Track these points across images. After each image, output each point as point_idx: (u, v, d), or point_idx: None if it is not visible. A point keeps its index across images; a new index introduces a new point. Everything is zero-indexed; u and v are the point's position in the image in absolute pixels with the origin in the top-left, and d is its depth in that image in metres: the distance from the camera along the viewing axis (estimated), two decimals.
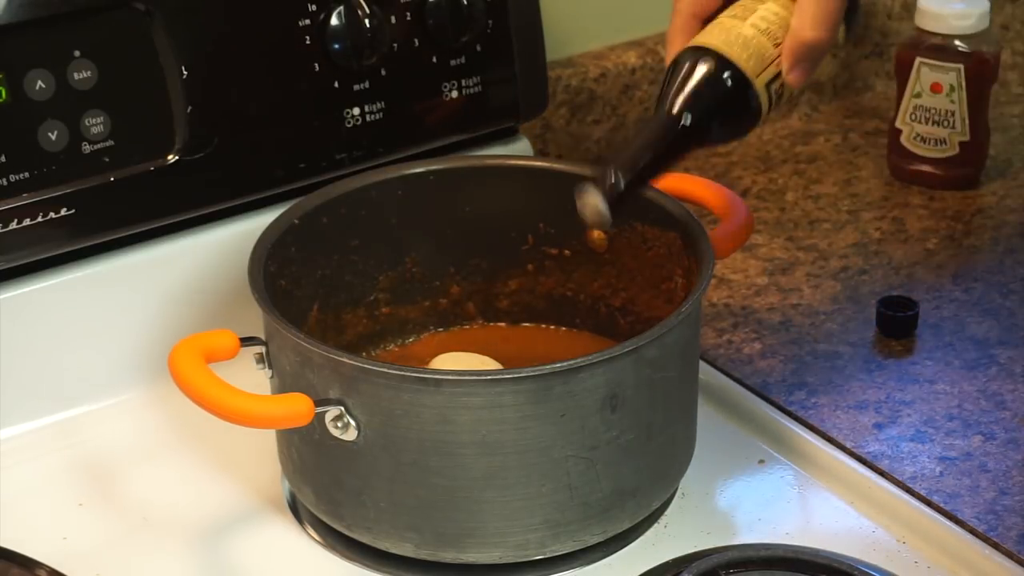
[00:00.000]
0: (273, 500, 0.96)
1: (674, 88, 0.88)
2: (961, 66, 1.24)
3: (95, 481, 0.99)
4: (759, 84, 0.88)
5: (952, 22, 1.24)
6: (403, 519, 0.87)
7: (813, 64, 0.90)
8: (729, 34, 0.88)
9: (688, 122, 0.88)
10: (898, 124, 1.29)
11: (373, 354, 1.04)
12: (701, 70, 0.88)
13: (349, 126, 1.07)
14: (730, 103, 0.89)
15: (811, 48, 0.89)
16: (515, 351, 1.04)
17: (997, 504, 0.93)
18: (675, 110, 0.88)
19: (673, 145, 0.89)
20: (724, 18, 0.90)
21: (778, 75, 0.89)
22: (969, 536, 0.91)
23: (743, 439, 1.01)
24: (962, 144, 1.27)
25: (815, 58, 0.90)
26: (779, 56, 0.89)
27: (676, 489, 0.96)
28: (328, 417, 0.86)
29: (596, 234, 1.03)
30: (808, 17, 0.88)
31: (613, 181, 0.87)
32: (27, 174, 0.97)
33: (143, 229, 1.03)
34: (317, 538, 0.93)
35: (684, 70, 0.88)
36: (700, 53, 0.88)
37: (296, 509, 0.95)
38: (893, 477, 0.95)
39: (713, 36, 0.89)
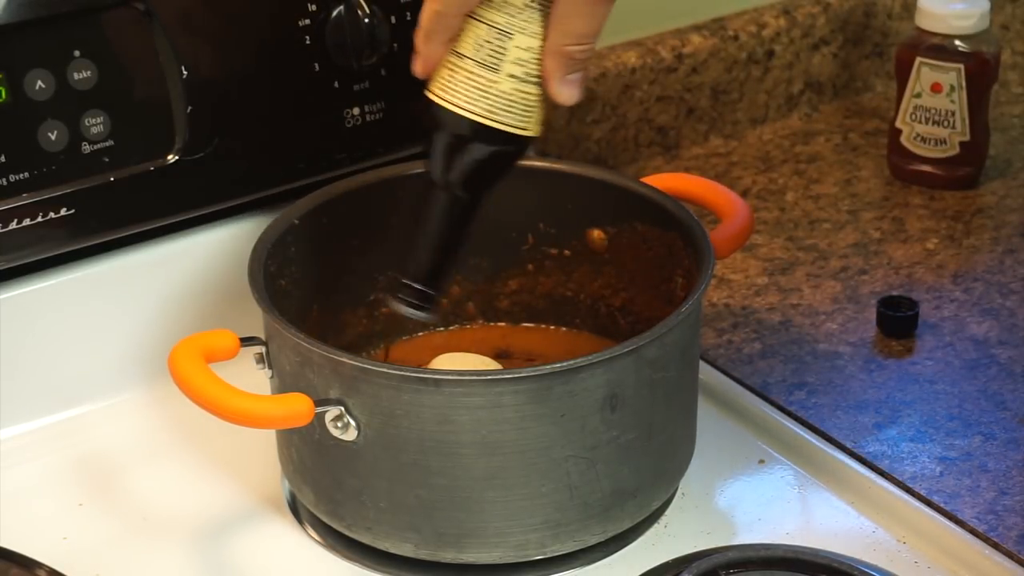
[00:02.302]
0: (273, 500, 0.96)
1: (445, 166, 0.84)
2: (961, 66, 1.24)
3: (95, 481, 0.99)
4: (533, 131, 0.85)
5: (952, 22, 1.24)
6: (403, 519, 0.87)
7: (586, 71, 0.84)
8: (488, 95, 0.82)
9: (470, 196, 0.85)
10: (898, 124, 1.29)
11: (373, 354, 1.04)
12: (475, 146, 0.83)
13: (349, 126, 1.07)
14: (509, 160, 0.86)
15: (580, 60, 0.83)
16: (515, 351, 1.05)
17: (997, 504, 0.93)
18: (456, 190, 0.85)
19: (458, 221, 0.86)
20: (473, 67, 0.82)
21: (543, 101, 0.84)
22: (969, 536, 0.91)
23: (743, 439, 1.01)
24: (962, 144, 1.27)
25: (586, 65, 0.84)
26: (542, 91, 0.83)
27: (676, 489, 0.96)
28: (328, 417, 0.86)
29: (596, 234, 1.03)
30: (572, 28, 0.81)
31: (411, 291, 0.86)
32: (27, 174, 0.97)
33: (143, 229, 1.03)
34: (317, 538, 0.93)
35: (451, 143, 0.84)
36: (465, 124, 0.83)
37: (296, 509, 0.95)
38: (893, 477, 0.95)
39: (473, 99, 0.83)
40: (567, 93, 0.83)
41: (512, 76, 0.83)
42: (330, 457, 0.88)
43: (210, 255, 1.06)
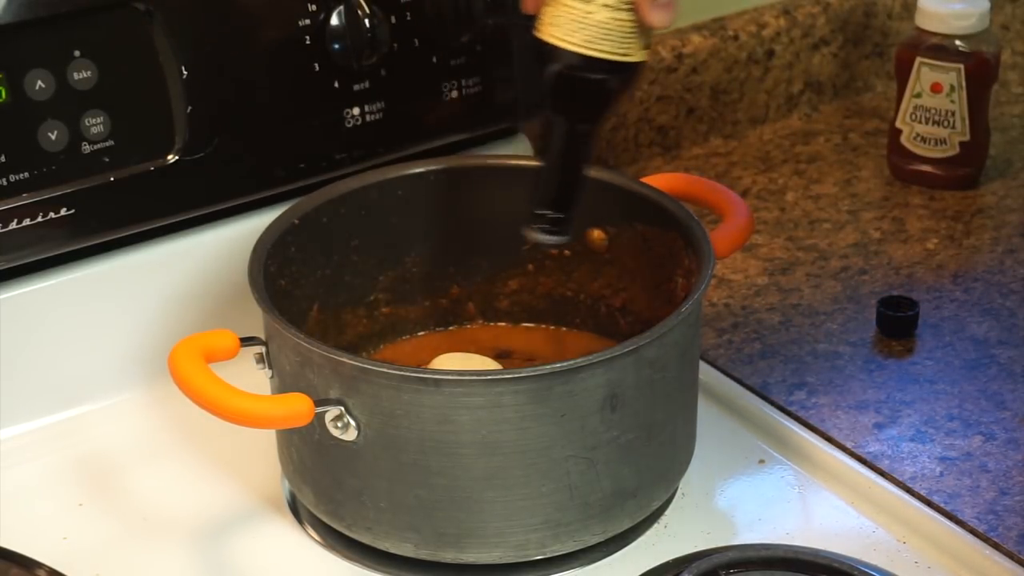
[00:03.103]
0: (273, 500, 0.96)
1: (556, 98, 0.87)
2: (961, 66, 1.24)
3: (95, 481, 0.99)
4: (636, 57, 0.87)
5: (952, 22, 1.24)
6: (403, 519, 0.87)
7: None
8: (586, 26, 0.85)
9: (584, 125, 0.88)
10: (898, 124, 1.29)
11: (373, 354, 1.04)
12: (580, 75, 0.86)
13: (349, 126, 1.07)
14: (616, 87, 0.88)
15: None
16: (515, 351, 1.05)
17: (997, 504, 0.93)
18: (570, 120, 0.88)
19: (577, 149, 0.89)
20: (570, 0, 0.86)
21: (640, 27, 0.86)
22: (969, 536, 0.91)
23: (743, 439, 1.01)
24: (962, 144, 1.27)
25: None
26: (637, 16, 0.85)
27: (676, 489, 0.96)
28: (328, 417, 0.86)
29: (596, 234, 1.03)
30: None
31: (542, 219, 0.89)
32: (27, 174, 0.97)
33: (143, 229, 1.03)
34: (317, 538, 0.93)
35: (558, 74, 0.86)
36: (566, 55, 0.86)
37: (296, 509, 0.95)
38: (893, 477, 0.95)
39: (572, 31, 0.86)
40: (659, 16, 0.85)
41: (606, 5, 0.85)
42: (330, 457, 0.88)
43: (210, 255, 1.06)
